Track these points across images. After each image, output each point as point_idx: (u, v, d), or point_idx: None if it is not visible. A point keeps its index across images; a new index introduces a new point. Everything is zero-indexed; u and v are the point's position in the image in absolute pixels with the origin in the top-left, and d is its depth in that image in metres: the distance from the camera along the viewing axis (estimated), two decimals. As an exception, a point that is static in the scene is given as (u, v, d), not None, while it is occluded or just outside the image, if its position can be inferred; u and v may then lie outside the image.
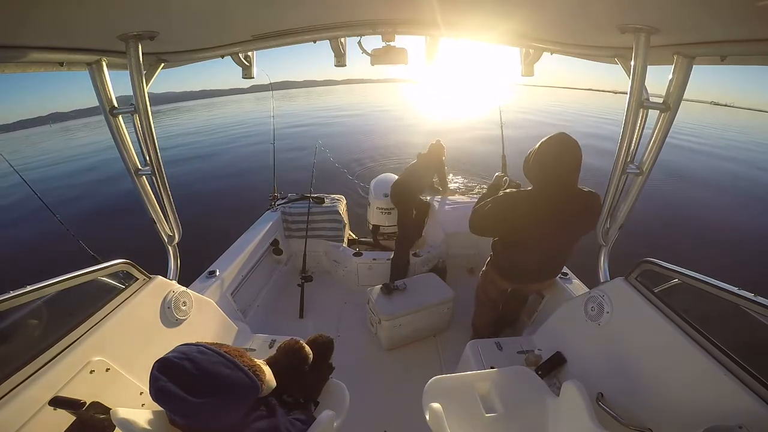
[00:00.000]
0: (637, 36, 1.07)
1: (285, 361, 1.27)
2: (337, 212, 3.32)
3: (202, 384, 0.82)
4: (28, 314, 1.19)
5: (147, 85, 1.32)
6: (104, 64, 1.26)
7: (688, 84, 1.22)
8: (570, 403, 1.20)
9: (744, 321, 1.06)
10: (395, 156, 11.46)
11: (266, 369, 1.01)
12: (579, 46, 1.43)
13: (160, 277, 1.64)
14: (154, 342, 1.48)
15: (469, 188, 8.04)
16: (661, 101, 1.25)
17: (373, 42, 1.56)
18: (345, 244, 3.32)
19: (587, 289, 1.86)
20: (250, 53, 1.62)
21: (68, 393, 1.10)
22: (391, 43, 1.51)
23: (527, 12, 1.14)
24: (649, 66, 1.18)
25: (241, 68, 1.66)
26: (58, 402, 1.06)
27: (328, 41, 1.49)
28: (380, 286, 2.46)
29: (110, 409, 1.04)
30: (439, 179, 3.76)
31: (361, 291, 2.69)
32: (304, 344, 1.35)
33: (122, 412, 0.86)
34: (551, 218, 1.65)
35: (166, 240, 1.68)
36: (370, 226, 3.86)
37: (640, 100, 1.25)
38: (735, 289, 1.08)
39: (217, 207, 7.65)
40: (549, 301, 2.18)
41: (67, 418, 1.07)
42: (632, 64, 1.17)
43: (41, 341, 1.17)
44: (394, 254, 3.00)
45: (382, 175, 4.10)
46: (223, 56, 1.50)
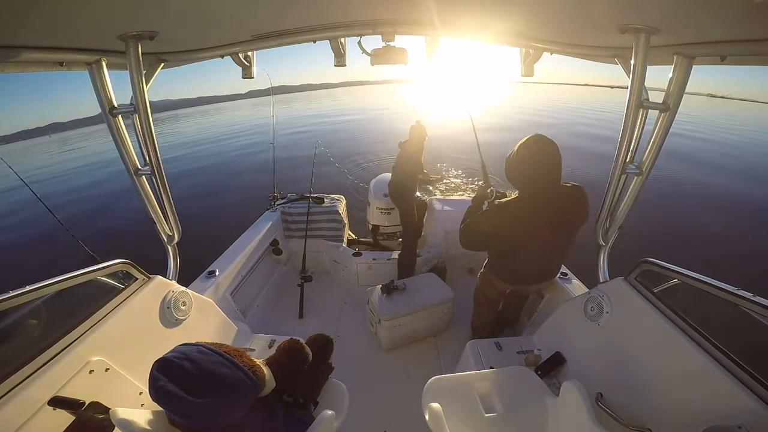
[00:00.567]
0: (637, 36, 1.07)
1: (285, 361, 1.26)
2: (337, 212, 3.32)
3: (202, 384, 0.82)
4: (27, 314, 1.19)
5: (147, 85, 1.32)
6: (104, 64, 1.26)
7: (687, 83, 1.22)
8: (570, 403, 1.20)
9: (743, 321, 1.06)
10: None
11: (266, 369, 1.01)
12: (579, 46, 1.43)
13: (160, 277, 1.64)
14: (153, 342, 1.48)
15: (468, 187, 8.04)
16: (661, 101, 1.25)
17: (373, 42, 1.49)
18: (345, 244, 3.32)
19: (587, 289, 1.86)
20: (249, 53, 1.62)
21: (67, 393, 1.09)
22: (391, 43, 1.51)
23: (527, 12, 1.14)
24: (649, 66, 1.18)
25: (240, 69, 1.66)
26: (57, 402, 1.06)
27: (328, 41, 1.49)
28: (380, 286, 2.46)
29: (109, 409, 1.04)
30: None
31: (361, 291, 2.69)
32: (304, 344, 1.35)
33: (122, 412, 0.86)
34: (544, 221, 1.65)
35: (165, 240, 1.68)
36: (370, 226, 3.86)
37: (639, 100, 1.25)
38: (734, 289, 1.08)
39: (217, 207, 7.66)
40: (549, 301, 2.18)
41: (67, 418, 1.07)
42: (632, 64, 1.16)
43: (40, 341, 1.17)
44: (401, 253, 2.99)
45: (382, 174, 4.10)
46: (222, 56, 1.50)
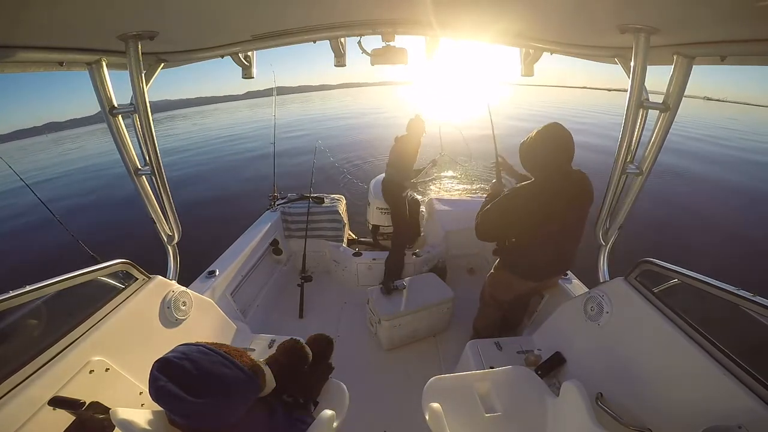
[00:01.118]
0: (637, 36, 1.07)
1: (285, 360, 1.27)
2: (337, 212, 3.32)
3: (202, 384, 0.82)
4: (28, 314, 1.19)
5: (147, 85, 1.32)
6: (104, 63, 1.26)
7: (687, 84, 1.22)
8: (570, 403, 1.20)
9: (743, 321, 1.06)
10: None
11: (266, 369, 1.01)
12: (579, 46, 1.43)
13: (160, 277, 1.64)
14: (153, 342, 1.48)
15: (467, 187, 8.04)
16: (661, 101, 1.25)
17: (373, 42, 1.50)
18: (345, 244, 3.32)
19: (587, 289, 1.86)
20: (249, 53, 1.62)
21: (68, 393, 1.09)
22: (391, 43, 1.51)
23: (527, 12, 1.14)
24: (649, 66, 1.18)
25: (240, 69, 1.66)
26: (57, 402, 1.06)
27: (328, 41, 1.49)
28: (380, 286, 2.46)
29: (110, 409, 1.04)
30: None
31: (361, 291, 2.69)
32: (304, 344, 1.35)
33: (122, 412, 0.86)
34: (561, 201, 1.65)
35: (165, 240, 1.68)
36: (370, 226, 3.86)
37: (639, 100, 1.25)
38: (734, 289, 1.08)
39: (217, 207, 7.65)
40: (549, 301, 2.18)
41: (67, 417, 1.07)
42: (632, 64, 1.17)
43: (41, 341, 1.17)
44: (388, 255, 2.97)
45: (381, 174, 4.11)
46: (222, 56, 1.50)
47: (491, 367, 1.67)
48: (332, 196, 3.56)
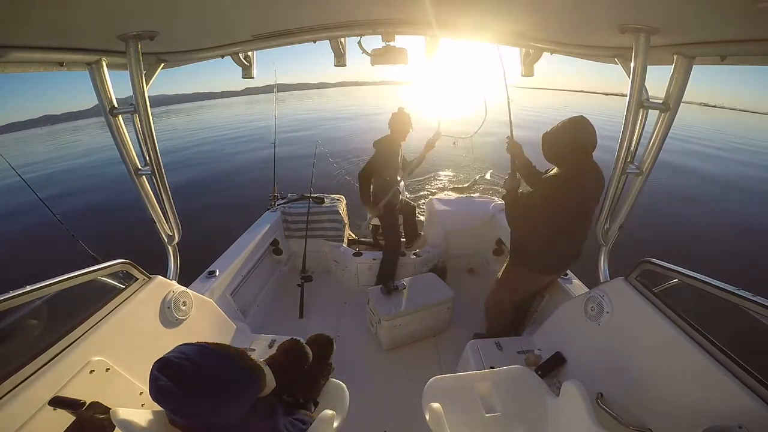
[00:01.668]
0: (637, 36, 1.07)
1: (285, 361, 1.27)
2: (337, 212, 3.32)
3: (202, 384, 0.82)
4: (28, 314, 1.19)
5: (147, 85, 1.32)
6: (104, 64, 1.26)
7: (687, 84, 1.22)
8: (570, 403, 1.20)
9: (743, 321, 1.06)
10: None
11: (266, 369, 1.01)
12: (579, 46, 1.43)
13: (160, 277, 1.64)
14: (154, 342, 1.48)
15: (465, 186, 8.03)
16: (661, 101, 1.25)
17: (373, 42, 1.51)
18: (345, 244, 3.32)
19: (587, 289, 1.86)
20: (250, 53, 1.62)
21: (68, 393, 1.10)
22: (391, 43, 1.51)
23: (527, 12, 1.14)
24: (649, 66, 1.18)
25: (241, 68, 1.66)
26: (57, 402, 1.06)
27: (328, 41, 1.49)
28: (380, 286, 2.46)
29: (110, 409, 1.04)
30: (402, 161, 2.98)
31: (361, 291, 2.69)
32: (304, 344, 1.35)
33: (122, 412, 0.86)
34: (591, 199, 1.65)
35: (166, 240, 1.68)
36: (370, 227, 3.85)
37: (640, 100, 1.25)
38: (734, 289, 1.08)
39: (217, 207, 7.64)
40: (549, 301, 2.18)
41: (67, 418, 1.07)
42: (632, 65, 1.17)
43: (41, 341, 1.17)
44: (381, 263, 2.94)
45: None
46: (223, 56, 1.50)
47: (491, 367, 1.67)
48: (332, 196, 3.55)
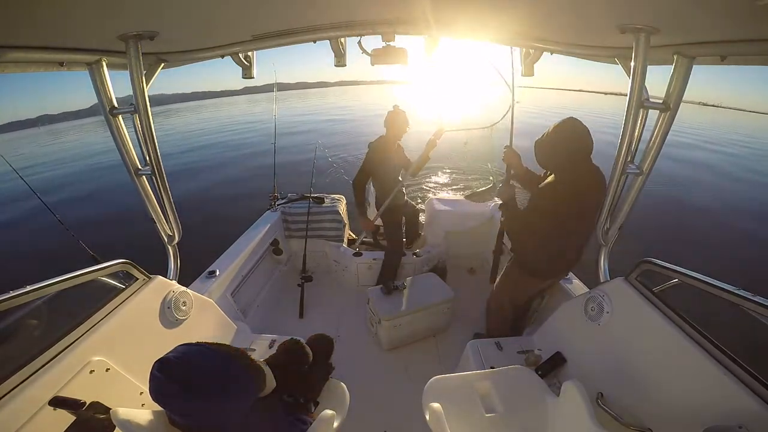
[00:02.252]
0: (637, 36, 1.07)
1: (285, 361, 1.27)
2: (337, 212, 3.32)
3: (202, 384, 0.82)
4: (28, 314, 1.19)
5: (147, 85, 1.32)
6: (104, 64, 1.26)
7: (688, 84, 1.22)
8: (570, 403, 1.20)
9: (744, 321, 1.06)
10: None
11: (266, 369, 1.01)
12: (579, 46, 1.43)
13: (160, 277, 1.64)
14: (154, 342, 1.48)
15: (464, 187, 8.03)
16: (661, 101, 1.25)
17: (373, 42, 1.50)
18: (345, 244, 3.32)
19: (587, 289, 1.86)
20: (250, 53, 1.62)
21: (68, 393, 1.09)
22: (391, 43, 1.51)
23: (527, 12, 1.14)
24: (649, 66, 1.18)
25: (241, 68, 1.66)
26: (58, 402, 1.06)
27: (328, 41, 1.49)
28: (380, 286, 2.46)
29: (110, 409, 1.04)
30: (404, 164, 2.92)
31: (361, 291, 2.69)
32: (304, 344, 1.36)
33: (122, 412, 0.86)
34: (591, 203, 1.61)
35: (166, 240, 1.68)
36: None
37: (640, 100, 1.25)
38: (734, 289, 1.08)
39: (217, 207, 7.64)
40: (549, 301, 2.18)
41: (67, 418, 1.07)
42: (632, 65, 1.17)
43: (41, 341, 1.17)
44: (383, 263, 2.93)
45: None
46: (223, 56, 1.50)
47: (491, 367, 1.67)
48: (332, 196, 3.55)
